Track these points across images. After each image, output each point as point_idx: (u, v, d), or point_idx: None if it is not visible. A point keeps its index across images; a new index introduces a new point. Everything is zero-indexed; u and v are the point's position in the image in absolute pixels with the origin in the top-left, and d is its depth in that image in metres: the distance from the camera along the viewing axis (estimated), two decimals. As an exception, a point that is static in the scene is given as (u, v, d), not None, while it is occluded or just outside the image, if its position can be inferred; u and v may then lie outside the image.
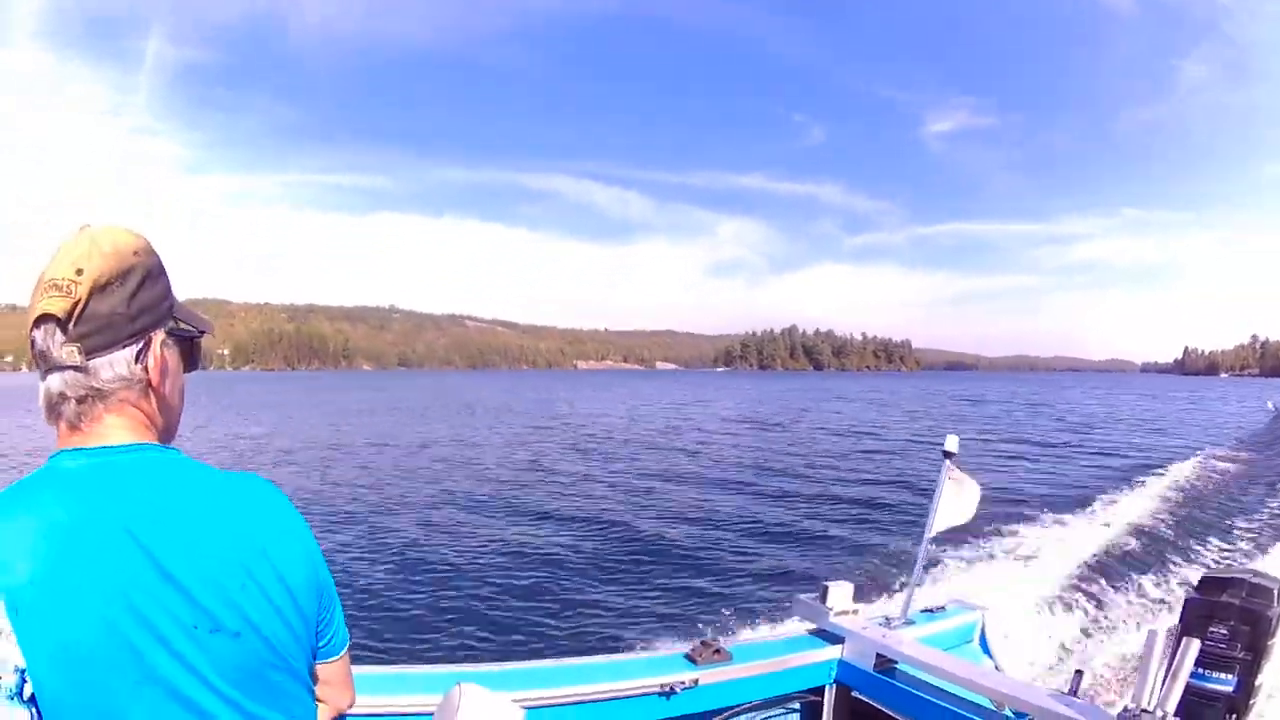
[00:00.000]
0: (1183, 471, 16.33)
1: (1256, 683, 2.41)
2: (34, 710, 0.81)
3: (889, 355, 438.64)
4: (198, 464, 1.01)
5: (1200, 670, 2.35)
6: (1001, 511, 11.86)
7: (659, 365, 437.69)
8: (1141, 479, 15.47)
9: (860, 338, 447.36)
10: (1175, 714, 1.92)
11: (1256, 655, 2.40)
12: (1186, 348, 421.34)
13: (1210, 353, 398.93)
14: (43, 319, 0.95)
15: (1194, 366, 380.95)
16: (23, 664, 0.81)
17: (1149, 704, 1.94)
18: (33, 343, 0.96)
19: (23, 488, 0.92)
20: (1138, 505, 12.38)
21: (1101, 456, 21.28)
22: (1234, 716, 2.40)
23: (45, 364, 0.96)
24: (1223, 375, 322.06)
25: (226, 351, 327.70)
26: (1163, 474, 16.05)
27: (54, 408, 0.97)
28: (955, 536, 8.99)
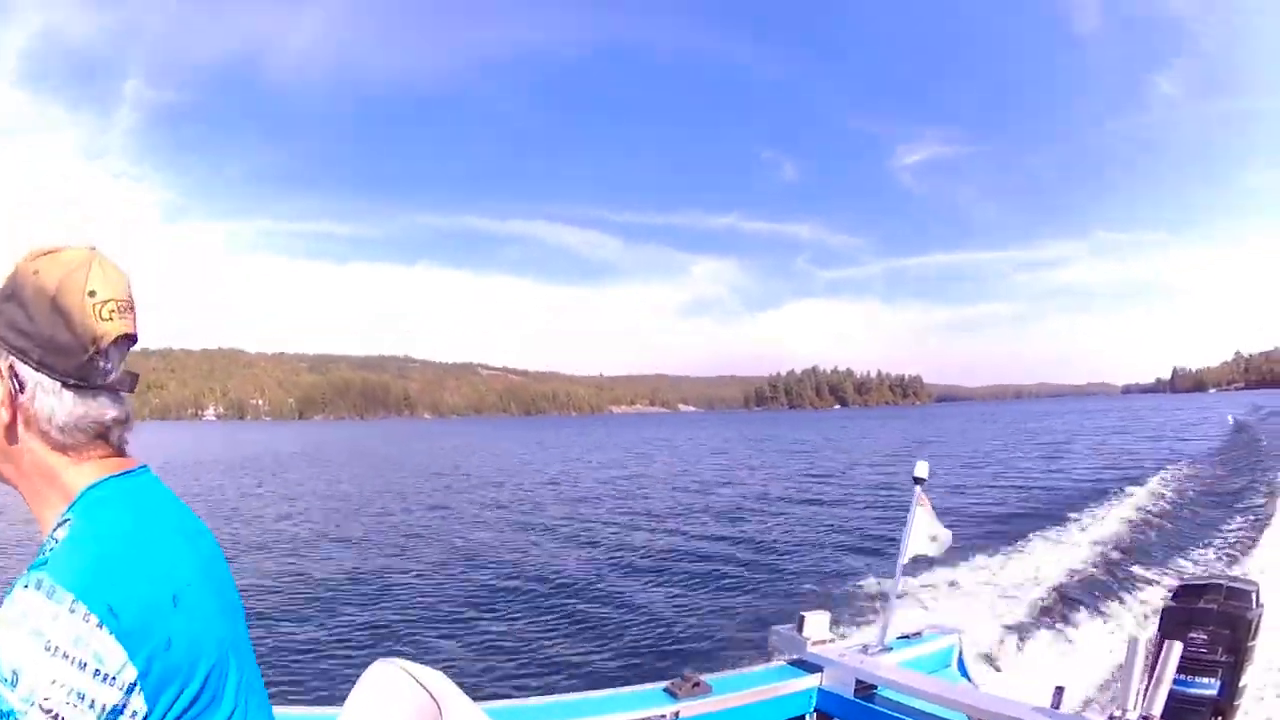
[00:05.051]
0: (1148, 488, 17.09)
1: (1240, 684, 2.54)
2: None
3: (904, 390, 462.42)
4: None
5: (1182, 676, 2.44)
6: (975, 534, 12.53)
7: (681, 408, 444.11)
8: (1110, 497, 16.12)
9: (876, 375, 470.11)
10: (1161, 718, 2.02)
11: (1238, 658, 2.54)
12: (1175, 368, 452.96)
13: (1198, 371, 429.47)
14: (124, 339, 1.06)
15: (1183, 385, 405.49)
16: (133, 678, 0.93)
17: (1132, 710, 2.03)
18: (103, 358, 1.03)
19: (143, 502, 1.08)
20: (1108, 523, 12.81)
21: (1071, 476, 22.55)
22: (1220, 719, 2.53)
23: (104, 383, 1.05)
24: (1211, 391, 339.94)
25: (261, 402, 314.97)
26: (1130, 492, 16.67)
27: (107, 431, 1.07)
28: (930, 562, 8.87)
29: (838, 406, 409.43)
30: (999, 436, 49.68)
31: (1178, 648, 2.03)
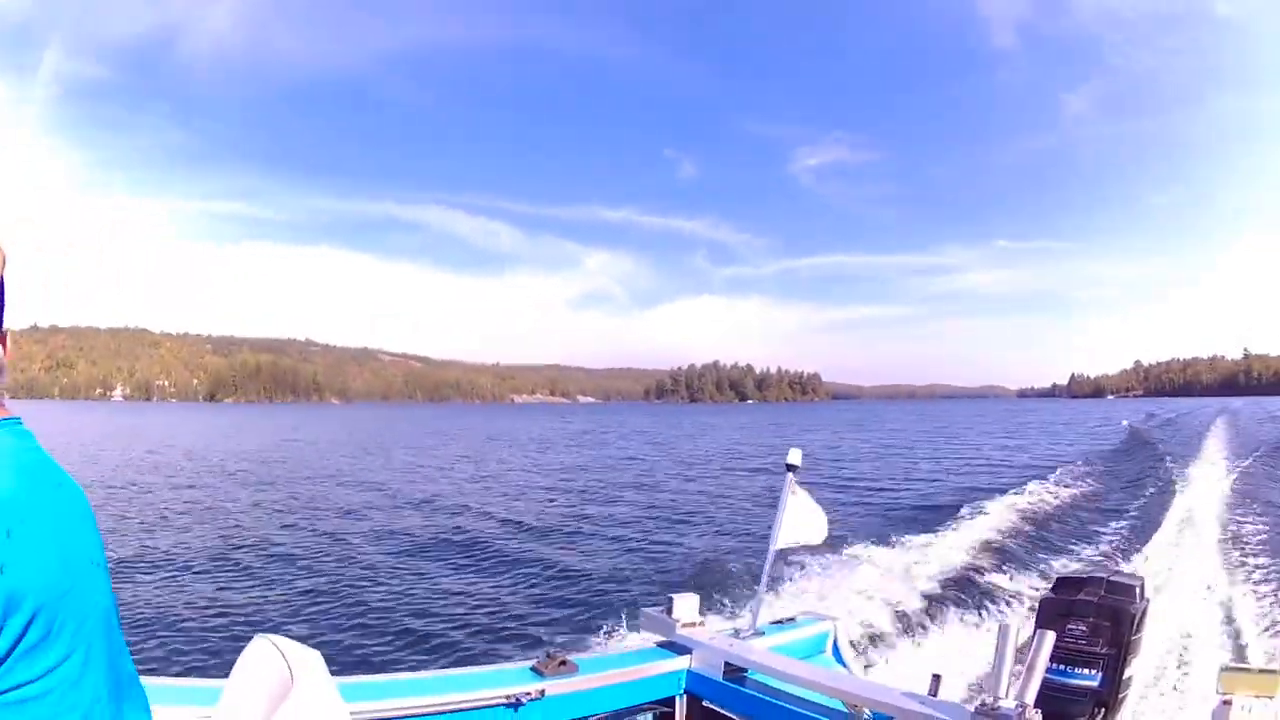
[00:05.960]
0: (1041, 486, 17.41)
1: (1125, 677, 2.59)
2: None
3: (803, 387, 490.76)
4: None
5: (1061, 666, 2.55)
6: (857, 525, 12.77)
7: (580, 399, 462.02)
8: (997, 495, 16.12)
9: (776, 371, 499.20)
10: (1035, 706, 2.03)
11: (1121, 650, 2.58)
12: (1073, 374, 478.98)
13: (1096, 378, 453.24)
14: None
15: (1080, 390, 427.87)
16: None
17: (1006, 698, 2.06)
18: None
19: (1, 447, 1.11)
20: (995, 519, 12.96)
21: (959, 473, 22.97)
22: (1103, 710, 2.56)
23: None
24: (1109, 397, 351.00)
25: (167, 383, 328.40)
26: (1021, 489, 16.82)
27: None
28: (808, 549, 8.16)
29: (738, 401, 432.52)
30: (886, 432, 52.25)
31: (1050, 637, 2.06)
